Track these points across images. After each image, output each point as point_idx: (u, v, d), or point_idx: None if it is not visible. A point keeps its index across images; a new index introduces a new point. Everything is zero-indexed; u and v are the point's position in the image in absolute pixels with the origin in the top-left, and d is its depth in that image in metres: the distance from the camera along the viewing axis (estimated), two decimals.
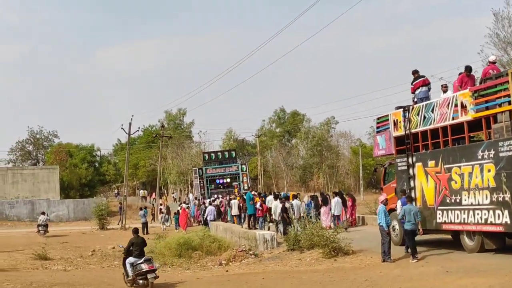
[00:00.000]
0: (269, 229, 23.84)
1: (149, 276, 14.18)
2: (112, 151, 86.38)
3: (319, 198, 25.38)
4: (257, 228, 23.72)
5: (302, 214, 22.93)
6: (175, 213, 38.10)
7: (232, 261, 19.60)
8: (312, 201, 25.67)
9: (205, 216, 31.46)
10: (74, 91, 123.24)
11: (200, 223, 33.67)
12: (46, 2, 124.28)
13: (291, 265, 17.03)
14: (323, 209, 23.98)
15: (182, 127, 76.92)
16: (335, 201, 23.73)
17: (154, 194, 54.62)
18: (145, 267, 14.27)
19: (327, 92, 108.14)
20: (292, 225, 20.61)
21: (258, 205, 24.71)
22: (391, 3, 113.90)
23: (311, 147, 60.40)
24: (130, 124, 43.38)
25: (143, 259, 14.52)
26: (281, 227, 22.11)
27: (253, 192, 29.49)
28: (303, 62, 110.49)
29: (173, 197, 59.80)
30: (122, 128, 43.97)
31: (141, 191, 66.77)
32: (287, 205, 22.25)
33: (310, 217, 20.71)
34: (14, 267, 20.14)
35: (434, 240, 16.98)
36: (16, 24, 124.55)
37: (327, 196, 26.48)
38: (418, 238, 15.44)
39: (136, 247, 14.83)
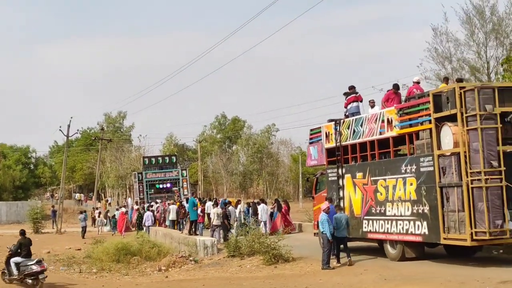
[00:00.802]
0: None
1: (40, 276, 15.15)
2: (48, 153, 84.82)
3: (257, 206, 25.82)
4: (198, 234, 24.03)
5: (242, 221, 23.65)
6: (112, 217, 38.18)
7: (171, 267, 19.57)
8: (250, 208, 26.41)
9: (143, 222, 31.63)
10: (10, 89, 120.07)
11: (135, 229, 33.68)
12: None
13: (231, 271, 17.14)
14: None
15: (121, 130, 76.36)
16: (261, 208, 24.38)
17: (93, 197, 54.19)
18: (36, 267, 15.19)
19: (268, 100, 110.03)
20: (231, 231, 21.19)
21: (199, 211, 25.14)
22: (335, 15, 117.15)
23: (251, 154, 61.24)
24: (68, 126, 43.01)
25: (35, 260, 15.43)
26: (216, 234, 22.57)
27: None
28: (245, 70, 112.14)
29: (106, 200, 58.29)
30: (60, 130, 43.57)
31: (77, 194, 65.73)
32: (217, 210, 22.75)
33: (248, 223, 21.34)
34: None
35: (372, 247, 17.50)
36: None
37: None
38: (351, 245, 16.39)
39: (24, 248, 15.67)
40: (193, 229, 24.44)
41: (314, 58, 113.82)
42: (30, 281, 15.10)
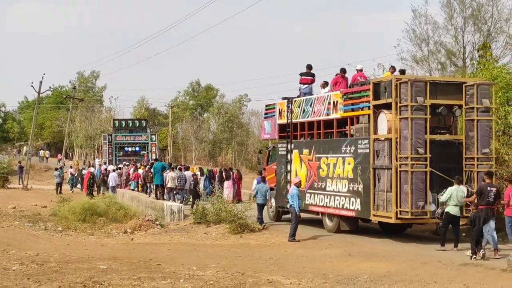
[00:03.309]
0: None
1: None
2: (17, 109, 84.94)
3: (223, 173, 26.64)
4: (165, 199, 24.42)
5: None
6: (71, 174, 39.49)
7: (137, 230, 19.87)
8: (216, 176, 27.56)
9: (107, 182, 32.59)
10: None
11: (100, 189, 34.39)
12: None
13: (197, 238, 17.46)
14: (226, 183, 25.39)
15: (93, 90, 76.56)
16: (186, 175, 24.98)
17: (60, 155, 54.85)
18: None
19: (242, 70, 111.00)
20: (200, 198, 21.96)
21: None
22: None
23: (222, 123, 61.62)
24: (40, 82, 43.48)
25: None
26: (171, 196, 23.71)
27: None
28: (222, 39, 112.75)
29: (59, 160, 54.47)
30: (32, 86, 44.20)
31: (41, 151, 65.73)
32: (171, 174, 23.96)
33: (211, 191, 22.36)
34: None
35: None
36: None
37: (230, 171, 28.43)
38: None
39: None
40: (161, 194, 24.89)
41: (290, 33, 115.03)
42: None
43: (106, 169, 35.30)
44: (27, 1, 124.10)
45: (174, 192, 24.47)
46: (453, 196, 13.71)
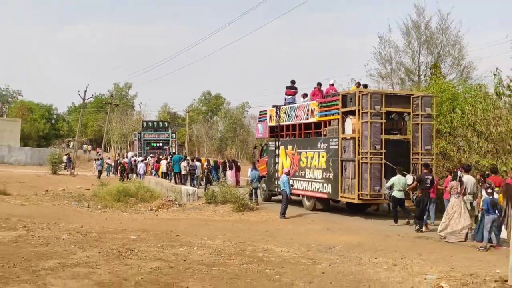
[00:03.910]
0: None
1: None
2: (66, 111, 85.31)
3: (227, 164, 26.88)
4: (182, 184, 24.45)
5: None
6: (108, 163, 39.78)
7: (160, 208, 19.85)
8: (220, 165, 27.81)
9: (137, 171, 32.87)
10: (40, 58, 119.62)
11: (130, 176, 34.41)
12: None
13: (207, 215, 17.41)
14: (229, 172, 25.58)
15: (127, 98, 76.92)
16: (198, 165, 25.31)
17: (98, 149, 55.37)
18: None
19: (245, 82, 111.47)
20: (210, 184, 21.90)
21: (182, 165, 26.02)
22: (305, 18, 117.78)
23: (228, 124, 62.30)
24: (85, 91, 43.69)
25: None
26: (188, 182, 24.04)
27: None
28: (229, 57, 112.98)
29: (89, 150, 56.80)
30: (78, 94, 44.51)
31: (84, 145, 66.31)
32: (184, 164, 24.23)
33: (218, 178, 22.43)
34: None
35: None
36: None
37: (232, 162, 28.63)
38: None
39: None
40: (179, 180, 24.99)
41: (282, 52, 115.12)
42: None
43: (135, 160, 35.65)
44: (76, 25, 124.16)
45: (186, 177, 24.85)
46: (396, 183, 13.98)
